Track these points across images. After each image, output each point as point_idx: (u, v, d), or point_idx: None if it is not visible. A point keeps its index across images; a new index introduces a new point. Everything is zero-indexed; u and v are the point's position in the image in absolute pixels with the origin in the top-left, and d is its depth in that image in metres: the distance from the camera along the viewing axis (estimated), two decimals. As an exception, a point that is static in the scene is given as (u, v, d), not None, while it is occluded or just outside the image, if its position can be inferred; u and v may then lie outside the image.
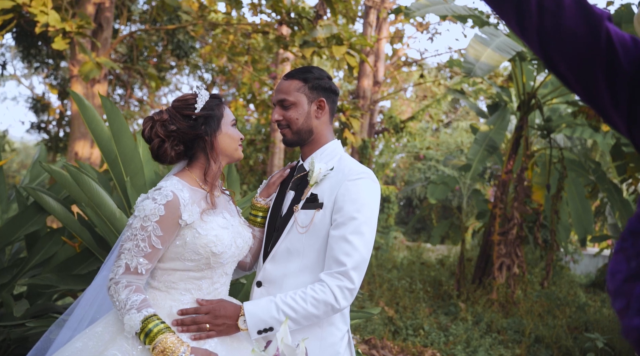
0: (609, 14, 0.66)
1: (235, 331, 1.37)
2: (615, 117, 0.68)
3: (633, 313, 0.53)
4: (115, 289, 1.23)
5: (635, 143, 0.68)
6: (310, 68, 1.58)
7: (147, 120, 1.40)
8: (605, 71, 0.65)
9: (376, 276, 6.99)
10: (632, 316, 0.53)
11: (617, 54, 0.64)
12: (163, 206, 1.26)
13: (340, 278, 1.40)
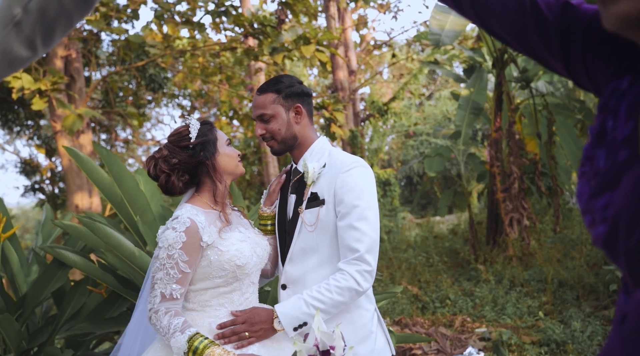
0: None
1: (273, 333, 1.47)
2: (556, 66, 0.77)
3: (597, 223, 0.63)
4: (156, 317, 1.32)
5: (577, 81, 0.77)
6: (280, 78, 1.65)
7: (149, 160, 1.49)
8: (536, 30, 0.74)
9: (393, 259, 7.10)
10: (597, 226, 0.63)
11: (542, 12, 0.74)
12: (183, 233, 1.35)
13: (357, 263, 1.49)
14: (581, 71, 0.75)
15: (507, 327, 4.21)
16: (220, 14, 5.98)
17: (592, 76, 0.74)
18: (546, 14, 0.74)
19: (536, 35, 0.74)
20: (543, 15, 0.74)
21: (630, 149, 0.62)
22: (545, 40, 0.74)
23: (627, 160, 0.61)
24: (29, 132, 11.76)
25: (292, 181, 1.66)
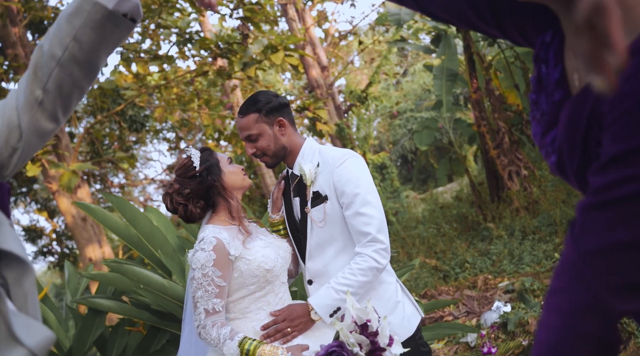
0: None
1: (312, 324, 1.59)
2: (495, 33, 0.90)
3: (550, 155, 0.76)
4: (205, 332, 1.45)
5: (514, 42, 0.90)
6: (257, 96, 1.73)
7: (165, 197, 1.62)
8: (471, 7, 0.87)
9: (406, 237, 7.23)
10: (550, 157, 0.76)
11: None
12: (212, 251, 1.48)
13: (372, 244, 1.62)
14: (515, 32, 0.88)
15: (528, 275, 4.35)
16: (185, 42, 6.09)
17: (525, 34, 0.87)
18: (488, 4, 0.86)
19: (472, 11, 0.87)
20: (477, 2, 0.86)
21: (562, 89, 0.75)
22: (480, 14, 0.87)
23: (561, 99, 0.75)
24: (26, 199, 11.85)
25: (293, 185, 1.77)
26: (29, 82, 0.82)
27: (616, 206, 0.57)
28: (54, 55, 0.81)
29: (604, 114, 0.61)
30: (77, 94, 0.86)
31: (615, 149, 0.58)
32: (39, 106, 0.83)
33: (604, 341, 0.60)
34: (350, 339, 1.22)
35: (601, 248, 0.58)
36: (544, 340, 0.63)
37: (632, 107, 0.56)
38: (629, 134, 0.56)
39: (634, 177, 0.56)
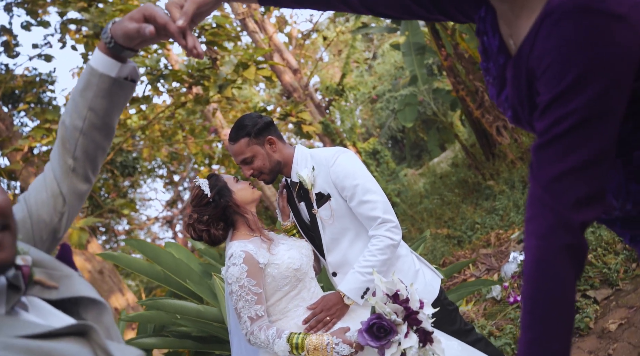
0: None
1: (347, 308, 1.72)
2: (439, 18, 1.03)
3: (506, 111, 0.89)
4: (254, 337, 1.58)
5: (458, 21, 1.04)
6: (242, 121, 1.83)
7: (187, 227, 1.75)
8: (413, 1, 1.00)
9: (413, 214, 7.38)
10: (507, 113, 0.89)
11: None
12: (243, 264, 1.60)
13: (383, 225, 1.76)
14: (456, 13, 1.02)
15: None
16: (158, 79, 6.22)
17: (464, 13, 1.01)
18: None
19: (415, 5, 1.01)
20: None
21: (504, 53, 0.89)
22: (422, 4, 1.01)
23: (505, 62, 0.88)
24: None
25: (295, 192, 1.90)
26: (61, 154, 0.96)
27: (559, 141, 0.71)
28: (76, 127, 0.94)
29: (535, 69, 0.74)
30: (101, 154, 1.00)
31: (548, 96, 0.71)
32: (73, 172, 0.96)
33: (575, 248, 0.73)
34: (386, 309, 1.35)
35: (555, 175, 0.72)
36: (528, 260, 0.77)
37: (552, 61, 0.70)
38: (555, 83, 0.70)
39: (567, 114, 0.69)
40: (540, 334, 0.73)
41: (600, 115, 0.69)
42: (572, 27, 0.68)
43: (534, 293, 0.74)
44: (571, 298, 0.73)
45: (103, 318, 0.84)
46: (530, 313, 0.75)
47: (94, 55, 0.93)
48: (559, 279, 0.72)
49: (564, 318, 0.73)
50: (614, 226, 0.93)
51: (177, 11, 0.87)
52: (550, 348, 0.73)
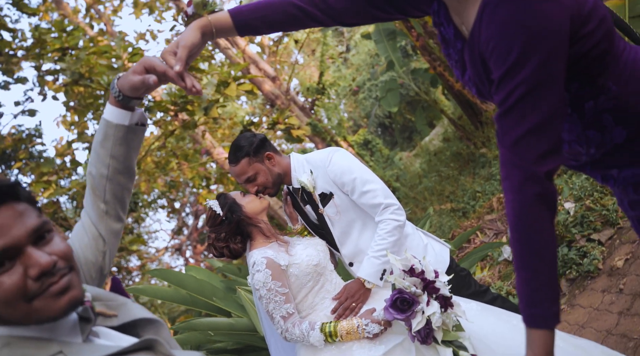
0: None
1: (369, 292, 1.84)
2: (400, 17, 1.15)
3: (471, 87, 1.02)
4: (289, 334, 1.69)
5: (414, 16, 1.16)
6: (239, 142, 1.94)
7: (208, 248, 1.87)
8: (376, 8, 1.11)
9: (415, 196, 7.51)
10: (472, 89, 1.02)
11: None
12: (267, 269, 1.72)
13: (387, 210, 1.88)
14: (414, 10, 1.14)
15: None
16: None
17: (421, 9, 1.13)
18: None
19: (377, 10, 1.13)
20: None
21: (460, 39, 1.01)
22: (384, 10, 1.13)
23: (462, 46, 1.01)
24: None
25: (299, 197, 2.02)
26: (93, 201, 1.08)
27: (514, 109, 0.83)
28: (102, 175, 1.06)
29: (485, 52, 0.87)
30: (127, 194, 1.12)
31: (499, 73, 0.84)
32: (106, 215, 1.09)
33: (545, 194, 0.86)
34: (405, 283, 1.47)
35: (516, 138, 0.84)
36: (509, 212, 0.89)
37: (497, 44, 0.83)
38: (502, 61, 0.82)
39: (516, 87, 0.82)
40: (529, 272, 0.86)
41: (544, 83, 0.81)
42: (508, 12, 0.80)
43: (519, 239, 0.87)
44: (551, 237, 0.86)
45: (161, 333, 0.96)
46: (518, 256, 0.87)
47: (106, 109, 1.05)
48: (537, 223, 0.85)
49: (546, 254, 0.86)
50: (585, 170, 1.06)
51: (172, 58, 0.99)
52: (539, 282, 0.86)
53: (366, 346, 1.59)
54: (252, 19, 1.09)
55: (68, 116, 10.25)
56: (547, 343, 0.86)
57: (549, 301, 0.86)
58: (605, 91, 0.91)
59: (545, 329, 0.86)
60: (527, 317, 0.88)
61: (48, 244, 0.80)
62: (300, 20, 1.11)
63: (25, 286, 0.76)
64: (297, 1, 1.09)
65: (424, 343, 1.46)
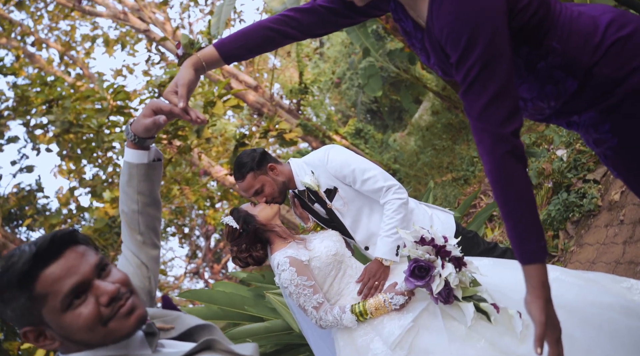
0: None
1: (389, 269, 1.97)
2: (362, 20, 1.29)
3: (437, 70, 1.16)
4: (324, 321, 1.82)
5: (376, 16, 1.29)
6: (241, 160, 2.06)
7: (234, 260, 2.00)
8: (341, 16, 1.24)
9: (416, 174, 7.64)
10: (438, 72, 1.15)
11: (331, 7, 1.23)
12: (291, 267, 1.85)
13: (389, 191, 2.02)
14: (376, 12, 1.27)
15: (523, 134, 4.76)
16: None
17: (382, 9, 1.26)
18: (333, 6, 1.25)
19: (342, 18, 1.26)
20: (333, 8, 1.25)
21: (419, 30, 1.15)
22: (349, 17, 1.26)
23: (422, 36, 1.14)
24: None
25: (306, 197, 2.16)
26: (130, 235, 1.21)
27: (473, 85, 0.97)
28: (133, 211, 1.20)
29: (440, 40, 1.01)
30: (158, 223, 1.26)
31: (455, 57, 0.97)
32: (144, 244, 1.22)
33: (513, 150, 0.99)
34: (419, 252, 1.61)
35: (480, 108, 0.98)
36: (487, 172, 1.02)
37: (448, 33, 0.96)
38: (455, 47, 0.96)
39: (471, 66, 0.96)
40: (514, 219, 0.99)
41: (494, 57, 0.95)
42: (452, 4, 0.94)
43: (499, 192, 1.00)
44: (526, 184, 0.99)
45: (215, 334, 1.10)
46: (503, 206, 1.01)
47: (125, 153, 1.19)
48: (512, 175, 0.98)
49: (525, 200, 0.99)
50: (550, 120, 1.19)
51: (174, 97, 1.12)
52: (524, 225, 0.99)
53: (395, 318, 1.72)
54: (234, 49, 1.23)
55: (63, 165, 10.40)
56: (541, 275, 1.00)
57: (535, 239, 0.99)
58: (552, 51, 1.04)
59: (537, 263, 0.99)
60: (520, 256, 1.01)
61: (109, 275, 0.94)
62: (276, 40, 1.25)
63: (100, 312, 0.90)
64: (271, 24, 1.23)
65: (447, 303, 1.60)
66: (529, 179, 1.01)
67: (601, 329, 1.47)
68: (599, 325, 1.49)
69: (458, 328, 1.61)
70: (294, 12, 1.23)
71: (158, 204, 1.25)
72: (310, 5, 1.25)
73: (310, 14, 1.23)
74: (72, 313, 0.88)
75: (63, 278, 0.87)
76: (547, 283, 1.00)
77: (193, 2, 10.63)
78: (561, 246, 2.93)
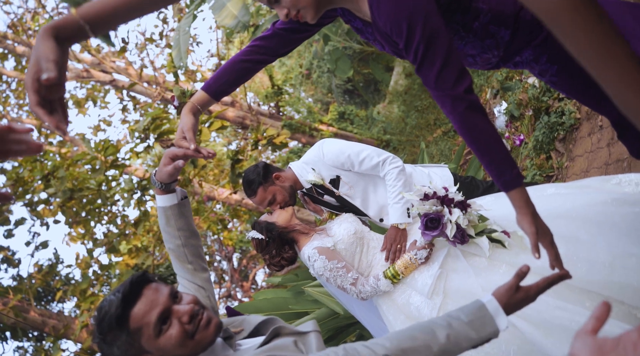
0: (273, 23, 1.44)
1: (405, 232, 2.15)
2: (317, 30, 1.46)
3: (382, 49, 1.34)
4: (363, 293, 2.01)
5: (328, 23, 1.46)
6: (248, 177, 2.24)
7: (270, 267, 2.19)
8: (299, 34, 1.42)
9: (408, 138, 7.81)
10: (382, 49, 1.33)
11: (286, 28, 1.42)
12: (321, 256, 2.02)
13: (385, 163, 2.20)
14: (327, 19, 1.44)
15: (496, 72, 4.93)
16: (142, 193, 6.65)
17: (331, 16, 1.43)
18: (291, 26, 1.43)
19: (300, 34, 1.44)
20: (291, 27, 1.43)
21: (369, 27, 1.33)
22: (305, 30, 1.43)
23: (372, 31, 1.32)
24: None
25: (315, 192, 2.35)
26: (181, 266, 1.40)
27: (424, 61, 1.15)
28: (178, 246, 1.39)
29: (385, 32, 1.19)
30: (200, 249, 1.45)
31: (401, 44, 1.16)
32: (195, 271, 1.42)
33: (469, 104, 1.16)
34: (426, 207, 1.80)
35: (434, 78, 1.16)
36: (456, 127, 1.21)
37: (390, 26, 1.15)
38: (399, 35, 1.14)
39: (416, 47, 1.13)
40: (487, 158, 1.17)
41: (433, 35, 1.12)
42: (386, 4, 1.12)
43: (470, 140, 1.18)
44: (490, 127, 1.17)
45: (279, 323, 1.30)
46: (476, 151, 1.18)
47: (157, 200, 1.37)
48: (475, 124, 1.16)
49: (492, 140, 1.17)
50: (499, 66, 1.38)
51: (184, 142, 1.31)
52: (496, 161, 1.16)
53: (424, 270, 1.92)
54: (219, 86, 1.42)
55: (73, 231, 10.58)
56: (523, 196, 1.18)
57: (509, 169, 1.17)
58: (480, 11, 1.22)
59: (517, 187, 1.17)
60: (501, 186, 1.19)
61: (182, 299, 1.14)
62: (251, 68, 1.44)
63: (185, 329, 1.09)
64: (243, 57, 1.42)
65: (464, 243, 1.79)
66: (491, 123, 1.19)
67: (600, 224, 1.65)
68: (598, 222, 1.67)
69: (480, 262, 1.80)
70: (259, 41, 1.42)
71: (197, 235, 1.44)
72: (271, 31, 1.43)
73: (273, 38, 1.42)
74: (164, 337, 1.08)
75: (148, 311, 1.07)
76: (529, 200, 1.18)
77: (148, 41, 10.76)
78: (556, 165, 3.12)
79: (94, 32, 0.93)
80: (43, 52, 0.84)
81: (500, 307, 1.06)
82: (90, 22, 0.91)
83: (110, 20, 0.93)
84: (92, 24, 0.91)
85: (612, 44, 0.73)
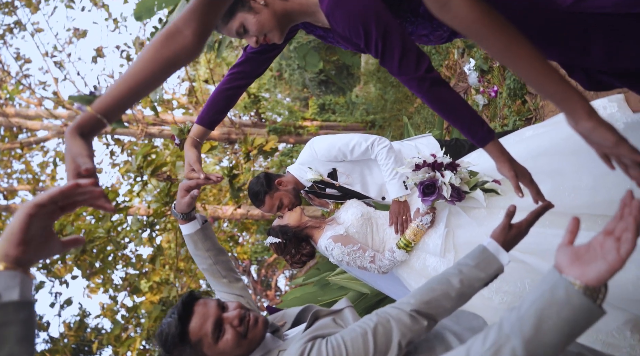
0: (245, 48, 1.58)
1: (407, 203, 2.28)
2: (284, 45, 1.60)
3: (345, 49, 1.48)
4: (383, 267, 2.15)
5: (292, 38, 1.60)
6: (253, 189, 2.38)
7: (292, 266, 2.33)
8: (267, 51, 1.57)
9: (390, 114, 7.95)
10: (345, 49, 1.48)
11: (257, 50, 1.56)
12: (337, 243, 2.16)
13: (373, 146, 2.33)
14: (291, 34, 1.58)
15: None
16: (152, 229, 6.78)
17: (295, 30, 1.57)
18: (261, 48, 1.57)
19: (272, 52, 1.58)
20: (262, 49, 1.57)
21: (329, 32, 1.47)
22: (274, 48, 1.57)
23: (333, 36, 1.46)
24: None
25: (317, 188, 2.50)
26: (217, 281, 1.55)
27: (385, 54, 1.28)
28: (211, 264, 1.54)
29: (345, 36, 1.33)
30: (230, 262, 1.60)
31: (361, 42, 1.30)
32: (230, 283, 1.57)
33: (432, 80, 1.29)
34: (419, 176, 1.94)
35: (398, 66, 1.28)
36: (428, 103, 1.35)
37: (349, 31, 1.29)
38: (358, 37, 1.28)
39: (375, 43, 1.26)
40: (459, 121, 1.30)
41: (387, 30, 1.25)
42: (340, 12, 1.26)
43: (441, 112, 1.31)
44: (456, 96, 1.29)
45: (315, 308, 1.45)
46: (449, 119, 1.32)
47: (182, 229, 1.53)
48: (442, 96, 1.29)
49: (460, 106, 1.29)
50: (451, 39, 1.53)
51: (194, 173, 1.46)
52: (468, 122, 1.28)
53: (431, 233, 2.07)
54: (210, 117, 1.57)
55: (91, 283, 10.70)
56: (497, 147, 1.31)
57: (480, 126, 1.30)
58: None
59: (490, 141, 1.31)
60: (477, 143, 1.32)
61: (228, 307, 1.29)
62: (235, 94, 1.60)
63: (238, 332, 1.24)
64: (225, 86, 1.57)
65: (461, 200, 1.94)
66: (456, 92, 1.32)
67: (577, 153, 1.79)
68: (576, 150, 1.80)
69: (480, 213, 1.96)
70: (236, 68, 1.58)
71: (224, 251, 1.59)
72: (244, 56, 1.59)
73: (247, 62, 1.57)
74: (222, 342, 1.23)
75: (204, 323, 1.22)
76: (503, 149, 1.32)
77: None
78: (532, 107, 3.26)
79: (110, 121, 1.04)
80: (76, 150, 0.98)
81: (500, 245, 1.21)
82: (106, 114, 1.03)
83: (122, 108, 1.05)
84: (107, 116, 1.03)
85: (518, 44, 0.94)
